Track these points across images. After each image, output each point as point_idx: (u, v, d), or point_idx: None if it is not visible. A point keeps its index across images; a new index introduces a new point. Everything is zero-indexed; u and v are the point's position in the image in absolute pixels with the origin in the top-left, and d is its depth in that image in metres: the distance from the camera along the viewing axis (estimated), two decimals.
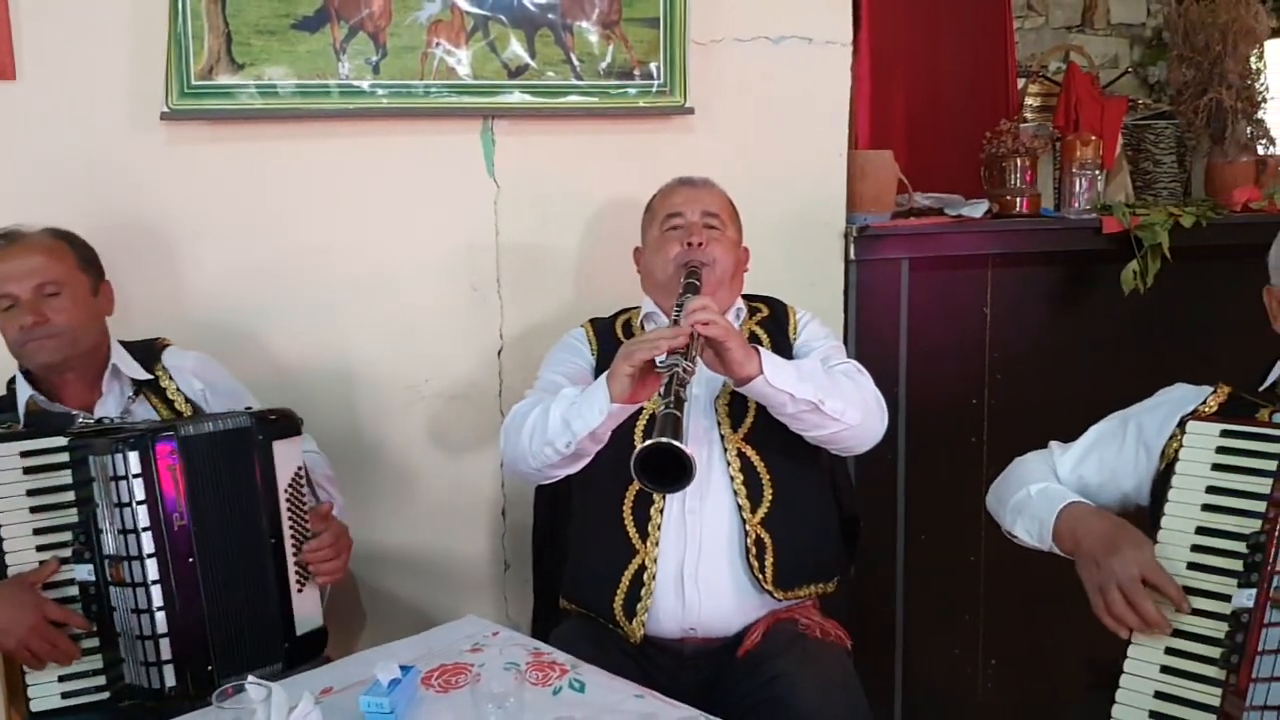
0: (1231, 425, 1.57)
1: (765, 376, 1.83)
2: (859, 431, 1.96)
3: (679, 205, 2.11)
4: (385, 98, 2.29)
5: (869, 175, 2.60)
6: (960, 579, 2.81)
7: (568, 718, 1.44)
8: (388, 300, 2.39)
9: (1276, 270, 1.71)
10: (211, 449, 1.83)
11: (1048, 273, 2.75)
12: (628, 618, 1.94)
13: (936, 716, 2.78)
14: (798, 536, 1.99)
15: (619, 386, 1.77)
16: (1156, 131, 2.99)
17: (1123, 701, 1.51)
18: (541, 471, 1.93)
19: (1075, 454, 1.83)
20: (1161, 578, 1.51)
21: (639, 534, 1.96)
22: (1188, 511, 1.55)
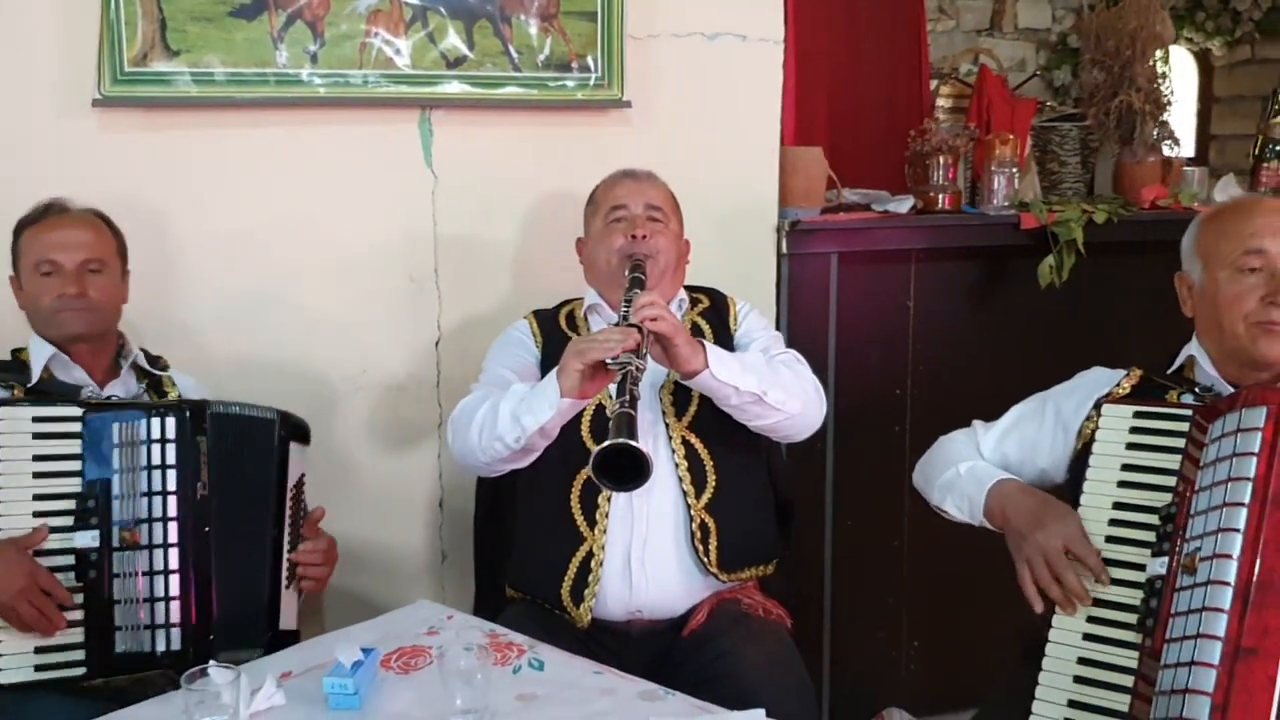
0: (1144, 407, 1.66)
1: (711, 370, 1.88)
2: (799, 420, 2.03)
3: (623, 197, 2.14)
4: (323, 87, 2.29)
5: (800, 171, 2.66)
6: (885, 563, 2.90)
7: (530, 694, 1.47)
8: (324, 291, 2.38)
9: (1188, 257, 1.81)
10: (237, 432, 1.91)
11: (968, 267, 2.85)
12: (575, 604, 1.97)
13: (862, 697, 2.85)
14: (740, 520, 2.04)
15: (569, 382, 1.80)
16: (1062, 133, 3.11)
17: (1048, 669, 1.59)
18: (491, 466, 1.96)
19: (997, 432, 1.91)
20: (1084, 550, 1.59)
21: (587, 522, 1.99)
22: (1105, 489, 1.63)
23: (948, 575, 2.86)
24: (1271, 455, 1.45)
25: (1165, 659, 1.46)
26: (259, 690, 1.38)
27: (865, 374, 2.81)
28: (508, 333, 2.17)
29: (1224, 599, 1.42)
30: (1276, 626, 1.39)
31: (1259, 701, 1.37)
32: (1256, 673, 1.38)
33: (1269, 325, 1.65)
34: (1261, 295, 1.66)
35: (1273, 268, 1.67)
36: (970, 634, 2.85)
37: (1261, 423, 1.47)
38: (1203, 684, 1.39)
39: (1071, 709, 1.56)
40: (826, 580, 2.84)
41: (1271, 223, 1.70)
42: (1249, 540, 1.43)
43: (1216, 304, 1.71)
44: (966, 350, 2.85)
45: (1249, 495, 1.45)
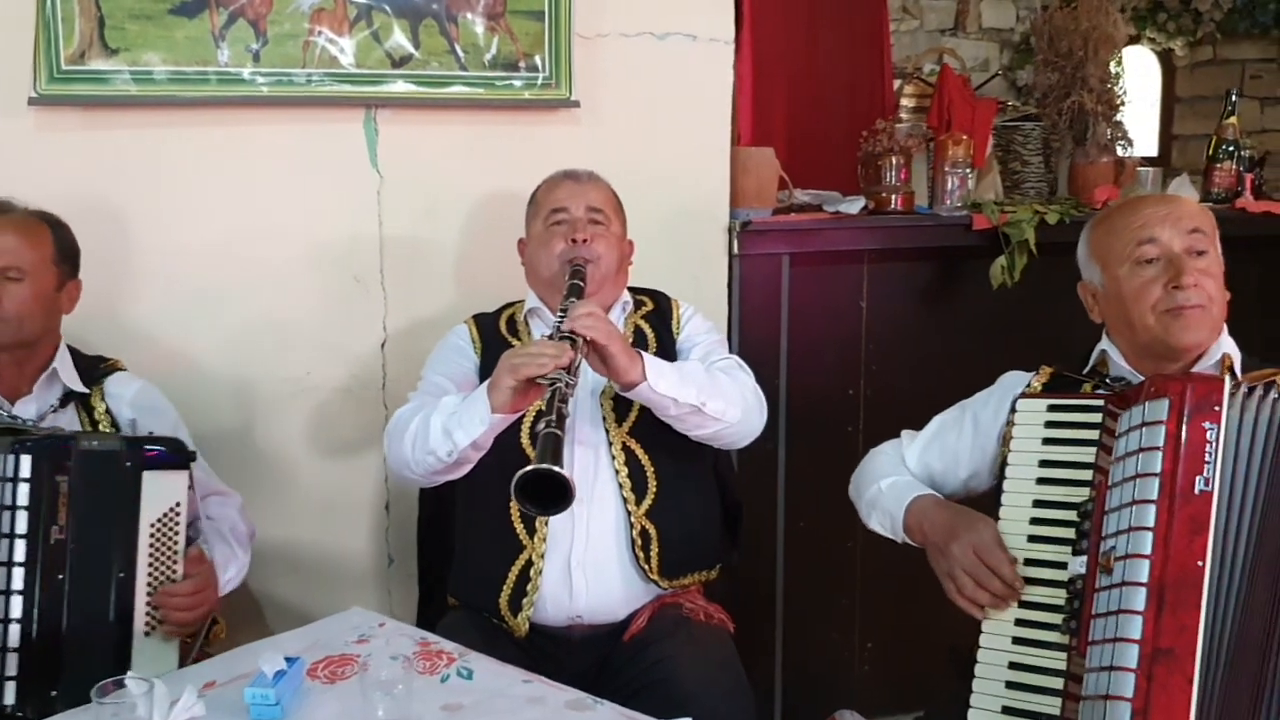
0: (1057, 399, 1.66)
1: (648, 383, 1.86)
2: (739, 428, 2.02)
3: (563, 200, 2.12)
4: (266, 86, 2.26)
5: (751, 171, 2.65)
6: (838, 565, 2.89)
7: (456, 704, 1.45)
8: (268, 292, 2.35)
9: (1085, 264, 1.82)
10: (102, 468, 1.77)
11: (921, 268, 2.85)
12: (513, 613, 1.96)
13: (815, 698, 2.85)
14: (682, 527, 2.03)
15: (500, 398, 1.78)
16: (1025, 133, 3.11)
17: (981, 675, 1.59)
18: (426, 478, 1.93)
19: (920, 443, 1.92)
20: (995, 558, 1.59)
21: (526, 531, 1.97)
22: (1024, 486, 1.63)
23: (902, 576, 2.82)
24: (1176, 449, 1.46)
25: (1089, 661, 1.47)
26: (178, 701, 1.35)
27: (818, 375, 2.80)
28: (446, 339, 2.15)
29: (1138, 600, 1.43)
30: (1191, 624, 1.40)
31: (1178, 702, 1.38)
32: (1174, 673, 1.39)
33: (1178, 310, 1.65)
34: (1164, 282, 1.66)
35: (1169, 253, 1.68)
36: (924, 635, 2.84)
37: (1165, 415, 1.48)
38: (1122, 689, 1.40)
39: (1005, 715, 1.56)
40: (779, 582, 2.83)
41: (1158, 212, 1.71)
42: (1159, 538, 1.44)
43: (1122, 301, 1.72)
44: (920, 351, 2.84)
45: (1157, 491, 1.46)
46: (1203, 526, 1.42)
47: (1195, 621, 1.40)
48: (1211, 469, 1.44)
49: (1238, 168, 2.93)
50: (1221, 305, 1.69)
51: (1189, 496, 1.44)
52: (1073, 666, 1.51)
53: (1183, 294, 1.64)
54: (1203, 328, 1.67)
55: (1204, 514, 1.43)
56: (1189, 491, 1.44)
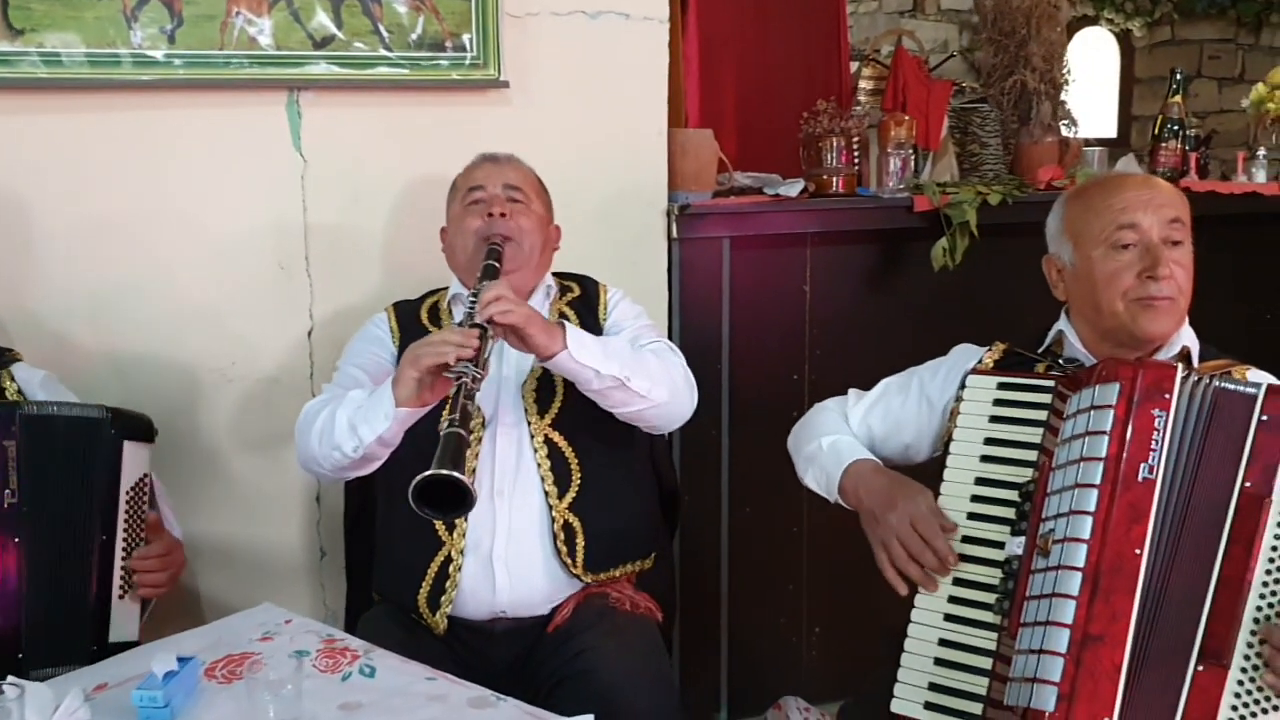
0: (1008, 378, 1.63)
1: (569, 352, 1.82)
2: (667, 409, 1.97)
3: (481, 179, 2.07)
4: (182, 68, 2.19)
5: (690, 153, 2.61)
6: (784, 550, 2.86)
7: (354, 703, 1.41)
8: (190, 281, 2.29)
9: (1055, 239, 1.78)
10: (57, 434, 1.80)
11: (863, 251, 2.81)
12: (431, 610, 1.92)
13: (762, 684, 2.83)
14: (608, 520, 1.98)
15: (404, 391, 1.73)
16: (983, 115, 3.07)
17: (910, 650, 1.56)
18: (335, 473, 1.89)
19: (865, 404, 1.89)
20: (930, 530, 1.57)
21: (445, 526, 1.93)
22: (967, 463, 1.61)
23: (849, 560, 2.77)
24: (1123, 434, 1.44)
25: (1019, 643, 1.45)
26: (60, 705, 1.30)
27: (761, 360, 2.76)
28: (365, 328, 2.09)
29: (1073, 585, 1.41)
30: (1124, 612, 1.39)
31: (1104, 689, 1.37)
32: (1103, 660, 1.37)
33: (1149, 301, 1.63)
34: (1139, 271, 1.63)
35: (1147, 241, 1.64)
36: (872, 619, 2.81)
37: (1114, 400, 1.46)
38: (1050, 673, 1.38)
39: (932, 692, 1.53)
40: (723, 569, 2.80)
41: (1141, 196, 1.67)
42: (1099, 523, 1.42)
43: (1093, 283, 1.68)
44: (864, 334, 2.81)
45: (1100, 476, 1.43)
46: (1143, 515, 1.41)
47: (1128, 609, 1.38)
48: (1156, 457, 1.42)
49: (1183, 147, 2.91)
50: (1188, 297, 1.67)
51: (1131, 483, 1.42)
52: (1002, 647, 1.50)
53: (1156, 285, 1.62)
54: (1170, 319, 1.65)
55: (1145, 502, 1.41)
56: (1132, 478, 1.42)
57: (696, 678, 2.80)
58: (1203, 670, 1.37)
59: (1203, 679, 1.37)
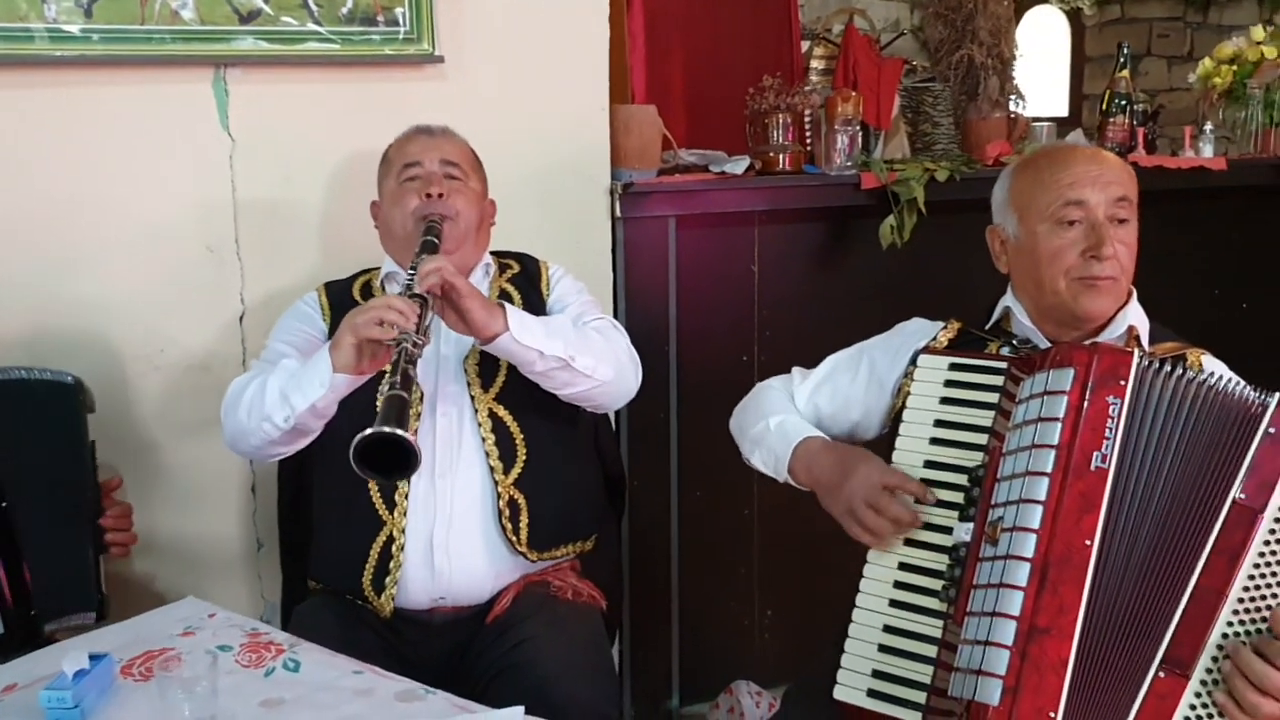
0: (960, 358, 1.59)
1: (511, 334, 1.77)
2: (612, 388, 1.93)
3: (416, 154, 2.00)
4: (100, 44, 2.10)
5: (633, 130, 2.55)
6: (735, 532, 2.83)
7: (277, 699, 1.35)
8: (114, 265, 2.20)
9: (1000, 210, 1.74)
10: (27, 398, 1.88)
11: (812, 229, 2.78)
12: (376, 593, 1.86)
13: (715, 668, 2.79)
14: (553, 497, 1.94)
15: (342, 358, 1.67)
16: (935, 94, 3.03)
17: (855, 637, 1.53)
18: (263, 449, 1.82)
19: (812, 383, 1.85)
20: (898, 478, 1.54)
21: (385, 505, 1.87)
22: (916, 445, 1.57)
23: (801, 542, 2.79)
24: (1077, 421, 1.40)
25: (965, 633, 1.41)
26: None
27: (710, 341, 2.72)
28: (295, 306, 2.03)
29: (1021, 575, 1.37)
30: (1072, 604, 1.35)
31: (1049, 683, 1.33)
32: (1049, 653, 1.34)
33: (1091, 281, 1.59)
34: (1083, 249, 1.60)
35: (1093, 219, 1.61)
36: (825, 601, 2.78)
37: (1068, 385, 1.42)
38: (995, 666, 1.34)
39: (876, 679, 1.50)
40: (674, 553, 2.76)
41: (1089, 171, 1.64)
42: (1049, 513, 1.38)
43: (1036, 259, 1.65)
44: (815, 314, 2.77)
45: (1051, 464, 1.39)
46: (1094, 505, 1.37)
47: (1076, 602, 1.34)
48: (1110, 445, 1.38)
49: (1130, 122, 2.89)
50: (1130, 276, 1.64)
51: (1083, 472, 1.38)
52: (948, 635, 1.46)
53: (1099, 265, 1.59)
54: (1110, 298, 1.62)
55: (1097, 491, 1.37)
56: (1084, 467, 1.38)
57: (647, 663, 2.76)
58: (1164, 677, 1.33)
59: (1162, 685, 1.33)
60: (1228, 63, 3.03)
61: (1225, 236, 3.07)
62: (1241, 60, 3.00)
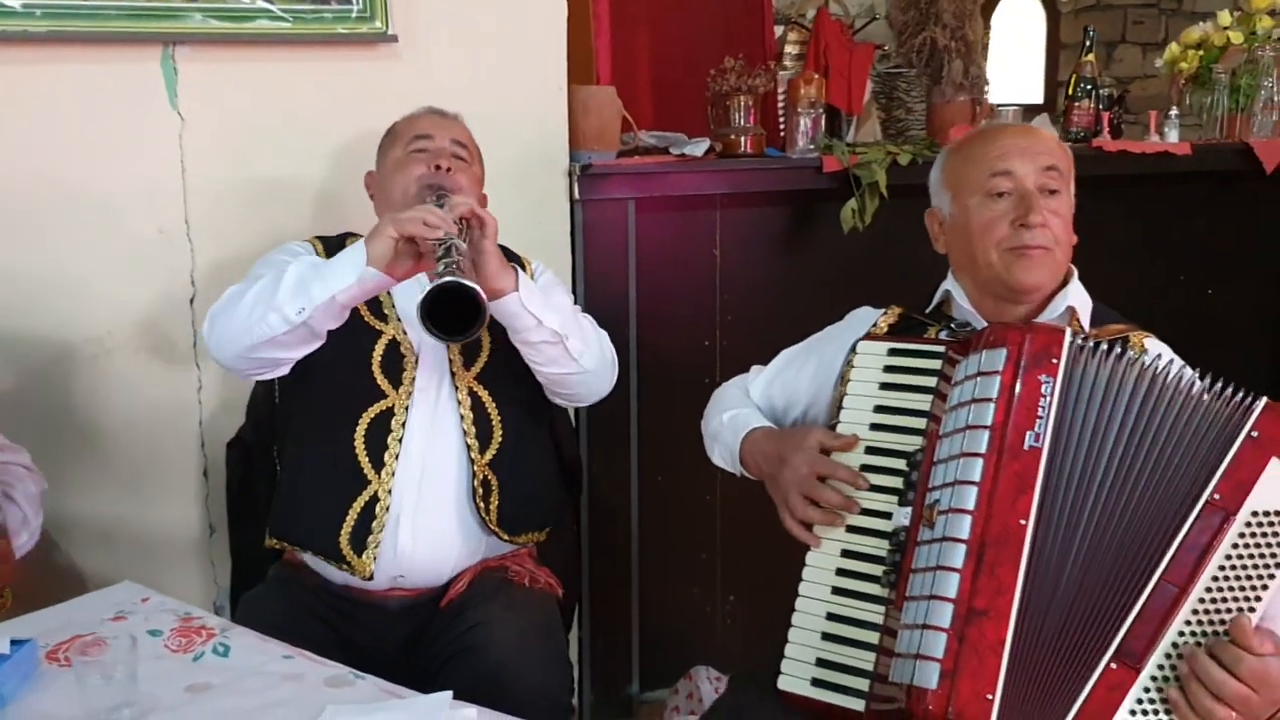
0: (898, 344, 1.58)
1: (519, 294, 1.76)
2: (590, 379, 1.93)
3: (428, 128, 1.99)
4: (44, 20, 2.07)
5: (592, 111, 2.52)
6: (697, 519, 2.81)
7: (203, 684, 1.33)
8: (61, 247, 2.17)
9: (936, 191, 1.74)
10: None
11: (774, 213, 2.75)
12: (356, 552, 1.83)
13: (675, 655, 2.78)
14: (524, 480, 1.95)
15: (379, 249, 1.64)
16: (908, 80, 3.01)
17: (798, 625, 1.51)
18: (256, 352, 1.74)
19: (765, 378, 1.85)
20: (829, 466, 1.52)
21: (373, 464, 1.85)
22: (856, 431, 1.55)
23: (764, 528, 2.74)
24: (1010, 401, 1.38)
25: (905, 618, 1.39)
26: None
27: (671, 326, 2.70)
28: (284, 245, 1.98)
29: (957, 557, 1.35)
30: (1009, 585, 1.33)
31: (988, 665, 1.31)
32: (987, 634, 1.32)
33: (1022, 250, 1.58)
34: (1013, 219, 1.59)
35: (1022, 189, 1.60)
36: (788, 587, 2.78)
37: (1001, 365, 1.40)
38: (933, 649, 1.33)
39: (819, 668, 1.48)
40: (634, 539, 2.74)
41: (1018, 144, 1.63)
42: (984, 494, 1.36)
43: (968, 234, 1.64)
44: (776, 298, 2.75)
45: (985, 445, 1.38)
46: (1029, 484, 1.35)
47: (1013, 583, 1.33)
48: (1044, 425, 1.36)
49: (1096, 106, 2.88)
50: (1067, 249, 1.62)
51: (1017, 452, 1.36)
52: (890, 621, 1.44)
53: (1029, 233, 1.57)
54: (1044, 269, 1.59)
55: (1031, 471, 1.35)
56: (1018, 447, 1.36)
57: (607, 649, 2.75)
58: (1115, 667, 1.31)
59: (1112, 675, 1.31)
60: (1194, 48, 3.01)
61: (1191, 222, 3.06)
62: (1208, 45, 2.99)
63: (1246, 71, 2.91)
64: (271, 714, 1.27)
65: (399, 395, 1.88)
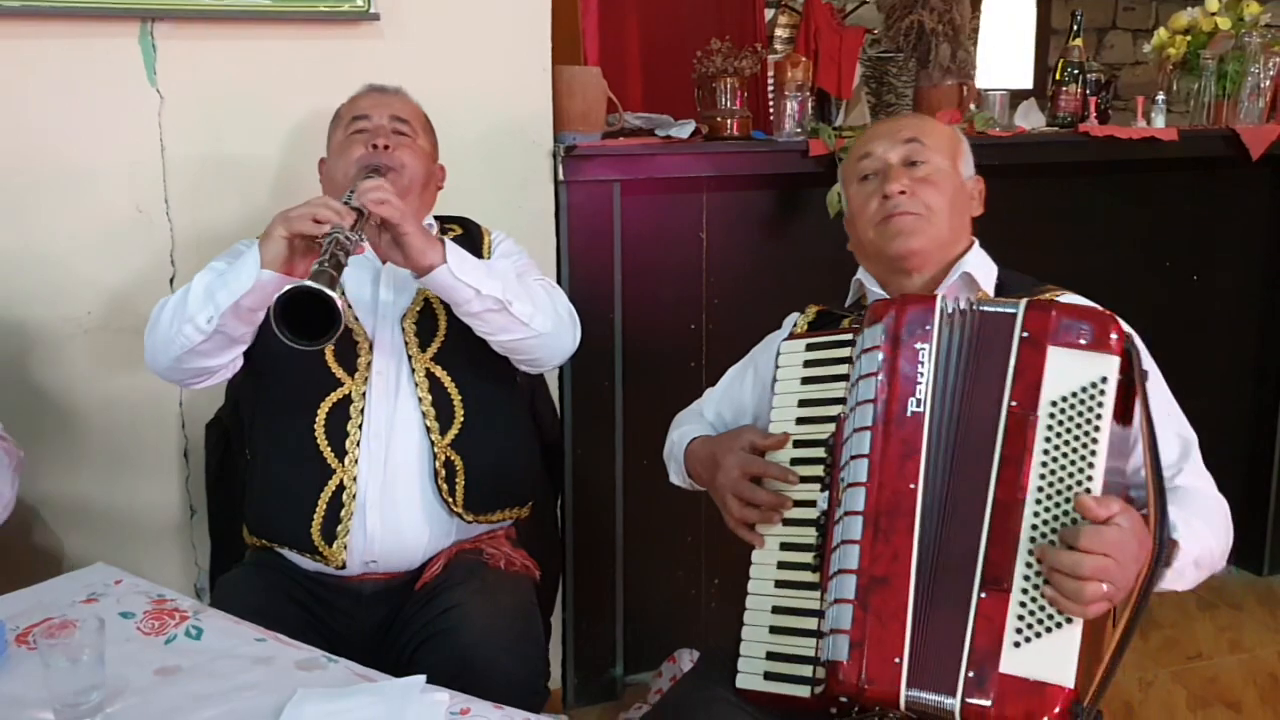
0: (813, 338, 1.59)
1: (449, 266, 1.73)
2: (549, 341, 1.89)
3: (367, 109, 1.97)
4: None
5: (576, 92, 2.50)
6: (682, 502, 2.77)
7: (173, 667, 1.32)
8: (39, 227, 2.15)
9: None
10: None
11: (760, 196, 2.74)
12: (328, 542, 1.82)
13: (660, 638, 2.77)
14: (490, 459, 1.92)
15: (272, 251, 1.64)
16: (898, 64, 2.99)
17: (749, 623, 1.52)
18: (182, 362, 1.75)
19: (715, 396, 1.87)
20: (759, 466, 1.54)
21: (335, 453, 1.84)
22: (785, 429, 1.56)
23: None
24: (893, 372, 1.42)
25: (826, 597, 1.41)
26: None
27: (656, 309, 2.68)
28: (232, 246, 1.96)
29: (856, 530, 1.38)
30: (905, 550, 1.36)
31: (891, 631, 1.33)
32: (889, 601, 1.34)
33: (888, 218, 1.62)
34: (879, 194, 1.64)
35: (883, 165, 1.65)
36: None
37: (881, 340, 1.44)
38: (843, 623, 1.36)
39: (770, 661, 1.49)
40: (618, 522, 2.73)
41: (882, 129, 1.71)
42: (874, 465, 1.39)
43: (853, 221, 1.72)
44: (762, 282, 2.74)
45: (871, 417, 1.41)
46: (914, 450, 1.38)
47: (909, 547, 1.36)
48: (924, 389, 1.40)
49: (1083, 91, 2.86)
50: (947, 216, 1.63)
51: (901, 420, 1.40)
52: (824, 604, 1.45)
53: (890, 202, 1.62)
54: (918, 235, 1.62)
55: (915, 437, 1.39)
56: (901, 415, 1.40)
57: (591, 632, 2.74)
58: (985, 597, 1.32)
59: (985, 605, 1.31)
60: (1182, 33, 3.00)
61: (1176, 208, 3.06)
62: (1196, 30, 2.97)
63: (1234, 58, 2.90)
64: (241, 697, 1.26)
65: (355, 382, 1.86)
